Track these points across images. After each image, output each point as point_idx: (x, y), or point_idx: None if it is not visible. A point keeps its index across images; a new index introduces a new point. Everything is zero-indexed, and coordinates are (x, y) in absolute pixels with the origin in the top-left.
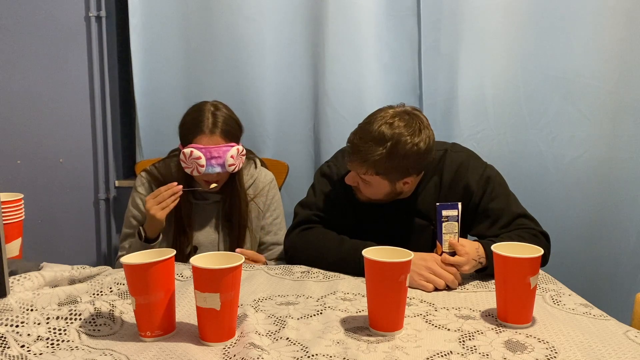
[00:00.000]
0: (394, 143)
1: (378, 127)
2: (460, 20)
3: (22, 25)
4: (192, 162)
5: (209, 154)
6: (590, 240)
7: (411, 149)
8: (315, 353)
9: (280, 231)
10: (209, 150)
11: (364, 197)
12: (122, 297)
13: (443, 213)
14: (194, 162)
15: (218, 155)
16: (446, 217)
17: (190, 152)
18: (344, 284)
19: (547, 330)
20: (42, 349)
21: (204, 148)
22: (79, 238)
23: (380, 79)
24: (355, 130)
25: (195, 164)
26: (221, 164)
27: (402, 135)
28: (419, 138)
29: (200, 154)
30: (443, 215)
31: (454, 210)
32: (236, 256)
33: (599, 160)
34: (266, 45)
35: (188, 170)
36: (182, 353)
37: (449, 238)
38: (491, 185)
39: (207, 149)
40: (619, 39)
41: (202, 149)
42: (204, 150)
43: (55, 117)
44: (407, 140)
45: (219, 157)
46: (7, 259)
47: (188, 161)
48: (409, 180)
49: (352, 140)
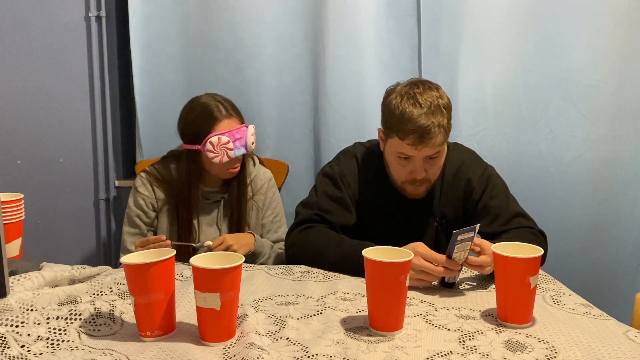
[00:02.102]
0: (437, 100)
1: (422, 100)
2: (460, 20)
3: (22, 25)
4: (221, 149)
5: (233, 137)
6: (590, 240)
7: (447, 100)
8: (315, 353)
9: (281, 229)
10: (232, 133)
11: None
12: (122, 297)
13: (458, 238)
14: (222, 148)
15: (240, 137)
16: (461, 240)
17: (219, 139)
18: (344, 284)
19: (547, 330)
20: (42, 349)
21: (227, 132)
22: (79, 238)
23: (380, 79)
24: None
25: (224, 149)
26: (244, 144)
27: (438, 90)
28: (438, 90)
29: (227, 138)
30: (458, 239)
31: (470, 233)
32: (236, 256)
33: (599, 160)
34: (266, 45)
35: (217, 159)
36: (182, 353)
37: (459, 255)
38: (492, 184)
39: (231, 132)
40: (619, 39)
41: (226, 133)
42: (228, 134)
43: (55, 117)
44: (436, 94)
45: (241, 138)
46: (7, 259)
47: (217, 149)
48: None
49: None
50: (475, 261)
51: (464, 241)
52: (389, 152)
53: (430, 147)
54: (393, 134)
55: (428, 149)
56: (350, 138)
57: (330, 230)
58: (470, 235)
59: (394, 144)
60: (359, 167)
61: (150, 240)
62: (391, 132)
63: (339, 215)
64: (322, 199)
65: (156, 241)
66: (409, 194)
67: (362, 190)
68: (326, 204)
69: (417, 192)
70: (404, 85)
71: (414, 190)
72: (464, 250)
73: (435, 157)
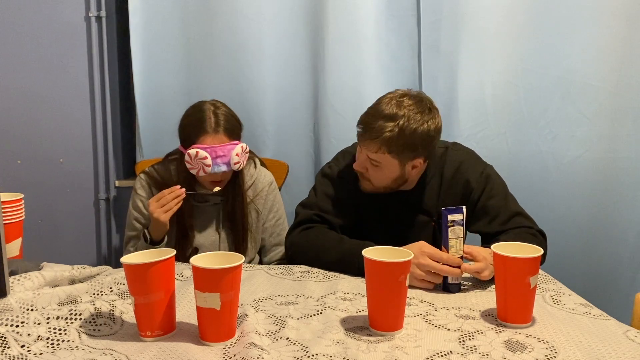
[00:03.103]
0: (405, 119)
1: (388, 105)
2: (460, 20)
3: (22, 25)
4: (198, 162)
5: (214, 153)
6: (590, 240)
7: (421, 126)
8: (315, 353)
9: (283, 232)
10: (214, 149)
11: (369, 187)
12: (122, 297)
13: (449, 218)
14: (199, 162)
15: (223, 154)
16: (452, 221)
17: (196, 153)
18: (344, 284)
19: (547, 330)
20: (42, 349)
21: (209, 148)
22: (79, 238)
23: (380, 79)
24: (367, 111)
25: (202, 164)
26: (227, 162)
27: (412, 111)
28: (428, 116)
29: (206, 153)
30: (449, 220)
31: (459, 214)
32: (236, 256)
33: (599, 160)
34: (266, 45)
35: (194, 171)
36: (182, 353)
37: (455, 243)
38: (490, 183)
39: (213, 149)
40: (619, 39)
41: (207, 149)
42: (209, 150)
43: (55, 117)
44: (418, 117)
45: (224, 156)
46: (7, 259)
47: (194, 162)
48: (417, 164)
49: (364, 119)
50: (471, 269)
51: (456, 224)
52: None
53: (366, 146)
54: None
55: (363, 147)
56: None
57: (331, 231)
58: (460, 218)
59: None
60: None
61: (164, 192)
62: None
63: (338, 216)
64: (322, 199)
65: (171, 192)
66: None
67: (360, 190)
68: (326, 204)
69: (361, 184)
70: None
71: (361, 182)
72: (458, 238)
73: (374, 165)
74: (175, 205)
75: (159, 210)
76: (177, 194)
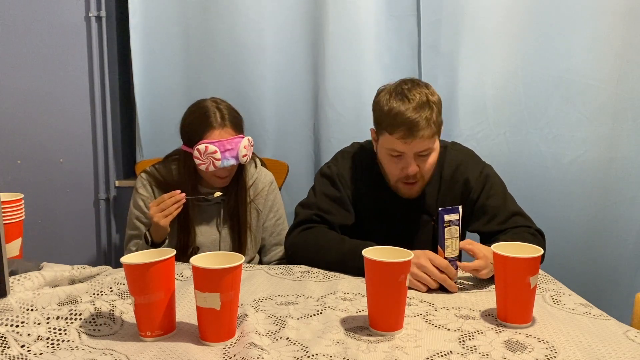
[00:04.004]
0: (429, 95)
1: (410, 95)
2: (460, 20)
3: (22, 25)
4: (207, 157)
5: (223, 147)
6: (590, 240)
7: (438, 97)
8: (315, 353)
9: (283, 232)
10: (223, 143)
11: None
12: (122, 297)
13: (445, 218)
14: (209, 157)
15: (231, 148)
16: (448, 221)
17: (206, 148)
18: (344, 284)
19: (547, 330)
20: (42, 349)
21: (217, 142)
22: (79, 238)
23: (380, 79)
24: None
25: (211, 159)
26: (235, 155)
27: (428, 88)
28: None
29: (215, 147)
30: (445, 220)
31: (455, 214)
32: (236, 256)
33: (599, 160)
34: (266, 45)
35: (203, 166)
36: (182, 353)
37: (451, 243)
38: (489, 183)
39: (221, 143)
40: (619, 39)
41: (215, 143)
42: (217, 144)
43: (55, 117)
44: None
45: (232, 149)
46: (7, 259)
47: (203, 157)
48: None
49: (405, 119)
50: (469, 266)
51: (452, 224)
52: (381, 151)
53: (419, 141)
54: (383, 131)
55: (417, 143)
56: (350, 138)
57: (330, 231)
58: (456, 218)
59: (385, 141)
60: (356, 167)
61: (164, 197)
62: (381, 129)
63: (338, 215)
64: (321, 200)
65: (171, 197)
66: (402, 193)
67: (360, 190)
68: (325, 204)
69: (410, 192)
70: (393, 84)
71: (407, 190)
72: (453, 238)
73: (425, 155)
74: (175, 210)
75: (158, 215)
76: (177, 199)
